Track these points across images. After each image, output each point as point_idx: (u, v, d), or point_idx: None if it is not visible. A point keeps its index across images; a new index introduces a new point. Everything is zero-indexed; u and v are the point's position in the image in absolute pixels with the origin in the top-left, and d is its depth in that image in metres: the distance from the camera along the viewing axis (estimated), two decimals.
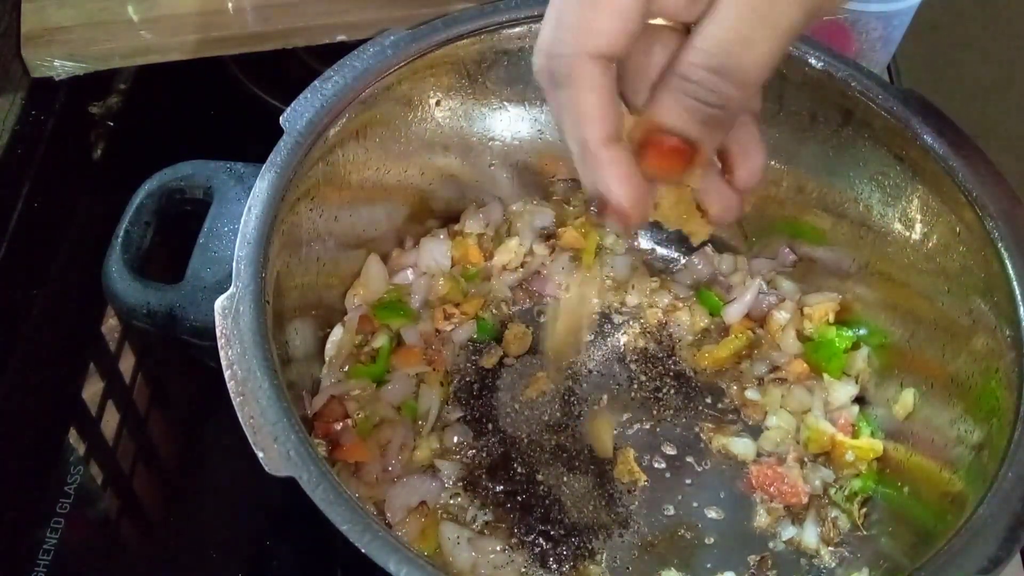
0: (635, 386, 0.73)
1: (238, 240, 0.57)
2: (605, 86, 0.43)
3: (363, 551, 0.47)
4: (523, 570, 0.63)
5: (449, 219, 0.78)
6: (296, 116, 0.62)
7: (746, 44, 0.41)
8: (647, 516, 0.67)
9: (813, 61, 0.67)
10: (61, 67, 0.82)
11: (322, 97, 0.63)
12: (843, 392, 0.71)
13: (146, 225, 0.65)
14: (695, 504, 0.67)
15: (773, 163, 0.75)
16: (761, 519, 0.67)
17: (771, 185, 0.75)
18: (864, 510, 0.67)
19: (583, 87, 0.43)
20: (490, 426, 0.70)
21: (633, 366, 0.74)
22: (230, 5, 0.86)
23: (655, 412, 0.71)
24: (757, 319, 0.76)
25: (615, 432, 0.70)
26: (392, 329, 0.72)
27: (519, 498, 0.66)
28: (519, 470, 0.68)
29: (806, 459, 0.69)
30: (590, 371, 0.73)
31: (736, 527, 0.67)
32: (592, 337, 0.75)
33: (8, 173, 0.82)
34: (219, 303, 0.54)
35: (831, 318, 0.73)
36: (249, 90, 0.89)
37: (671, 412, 0.72)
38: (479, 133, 0.76)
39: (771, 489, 0.67)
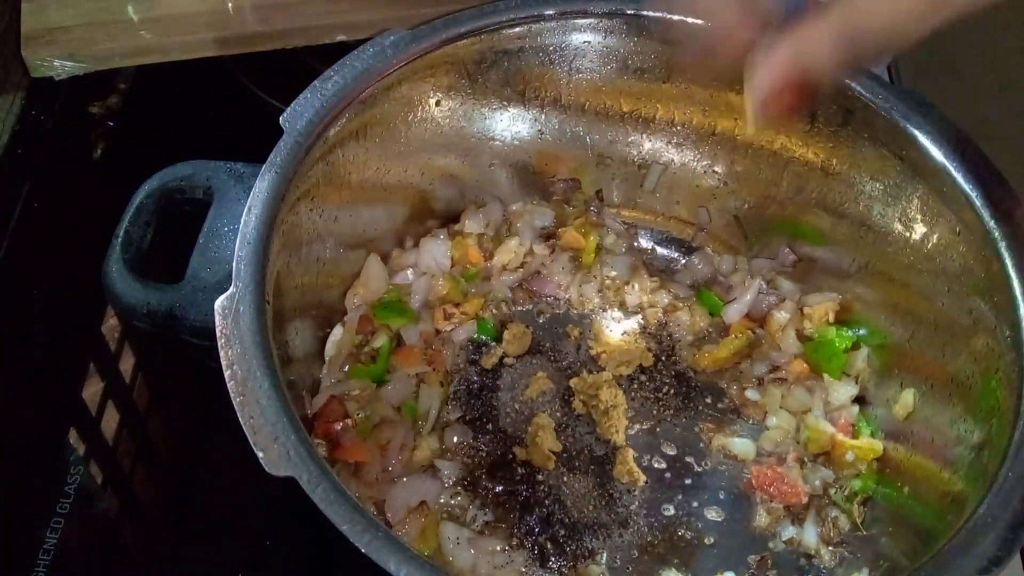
0: (635, 386, 0.73)
1: (238, 240, 0.57)
2: None
3: (363, 551, 0.47)
4: (523, 570, 0.63)
5: (449, 219, 0.79)
6: (296, 116, 0.62)
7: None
8: (647, 516, 0.67)
9: None
10: (61, 67, 0.82)
11: (322, 97, 0.63)
12: (843, 392, 0.71)
13: (146, 225, 0.65)
14: (695, 504, 0.67)
15: (773, 163, 0.75)
16: (761, 519, 0.67)
17: (771, 185, 0.75)
18: (864, 510, 0.67)
19: None
20: (490, 426, 0.70)
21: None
22: (230, 5, 0.86)
23: (655, 412, 0.71)
24: (757, 319, 0.76)
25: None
26: (392, 329, 0.72)
27: (519, 498, 0.66)
28: (519, 470, 0.68)
29: (806, 459, 0.69)
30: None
31: (736, 527, 0.67)
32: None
33: (8, 173, 0.82)
34: (219, 303, 0.54)
35: (831, 318, 0.73)
36: (249, 90, 0.89)
37: (671, 412, 0.72)
38: (479, 133, 0.76)
39: (771, 489, 0.67)
